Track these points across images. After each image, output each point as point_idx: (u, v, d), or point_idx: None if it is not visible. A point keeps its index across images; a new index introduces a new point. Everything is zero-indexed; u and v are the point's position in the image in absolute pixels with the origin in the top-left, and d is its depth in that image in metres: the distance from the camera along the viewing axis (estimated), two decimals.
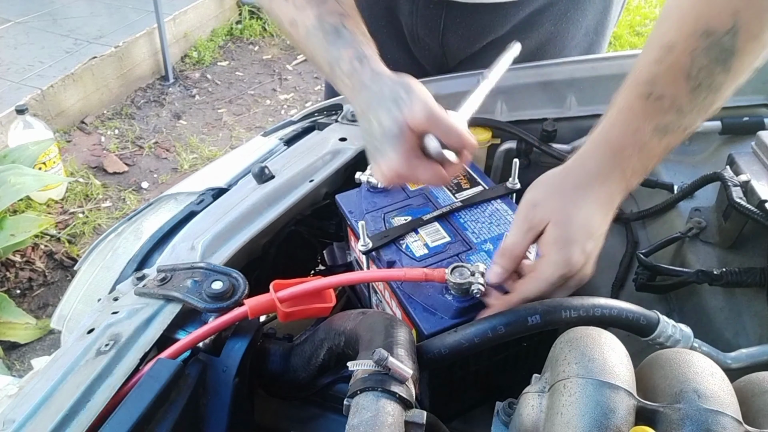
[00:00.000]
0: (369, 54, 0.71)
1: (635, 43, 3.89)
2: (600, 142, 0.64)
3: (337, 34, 0.72)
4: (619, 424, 0.42)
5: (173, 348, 0.59)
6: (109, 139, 2.94)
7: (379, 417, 0.46)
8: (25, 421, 0.53)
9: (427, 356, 0.57)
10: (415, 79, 0.69)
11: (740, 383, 0.49)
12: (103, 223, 2.47)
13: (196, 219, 0.78)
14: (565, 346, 0.49)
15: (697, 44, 0.59)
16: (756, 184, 0.75)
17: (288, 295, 0.63)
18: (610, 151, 0.63)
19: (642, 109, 0.62)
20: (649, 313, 0.57)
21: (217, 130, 3.09)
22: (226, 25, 3.86)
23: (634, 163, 0.63)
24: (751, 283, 0.73)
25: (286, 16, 0.77)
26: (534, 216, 0.63)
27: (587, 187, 0.63)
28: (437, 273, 0.65)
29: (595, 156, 0.64)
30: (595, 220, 0.62)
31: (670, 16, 0.62)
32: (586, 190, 0.63)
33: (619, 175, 0.63)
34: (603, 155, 0.63)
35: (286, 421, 0.72)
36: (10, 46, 3.08)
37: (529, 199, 0.65)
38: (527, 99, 1.01)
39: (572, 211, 0.62)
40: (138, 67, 3.26)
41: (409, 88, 0.66)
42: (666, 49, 0.61)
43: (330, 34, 0.72)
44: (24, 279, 2.18)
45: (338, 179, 0.90)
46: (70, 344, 0.61)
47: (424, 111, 0.64)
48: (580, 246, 0.61)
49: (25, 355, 1.98)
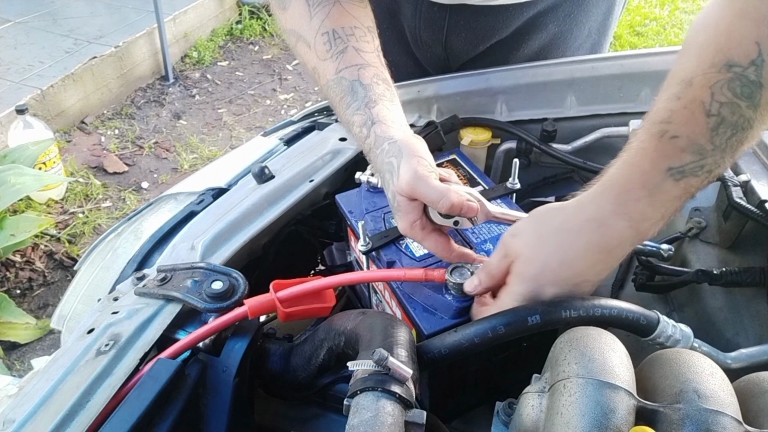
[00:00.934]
0: (376, 116, 0.71)
1: (635, 43, 3.90)
2: (605, 184, 0.59)
3: (352, 94, 0.74)
4: (619, 424, 0.42)
5: (173, 348, 0.59)
6: (109, 139, 2.94)
7: (379, 417, 0.46)
8: (25, 421, 0.53)
9: (427, 356, 0.57)
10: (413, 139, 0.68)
11: (740, 383, 0.49)
12: (103, 223, 2.47)
13: (196, 219, 0.78)
14: (565, 346, 0.49)
15: (718, 78, 0.54)
16: (756, 184, 0.75)
17: (288, 295, 0.63)
18: (614, 195, 0.58)
19: (654, 150, 0.57)
20: (649, 313, 0.57)
21: (217, 130, 3.09)
22: (226, 25, 3.86)
23: (644, 208, 0.57)
24: (751, 283, 0.73)
25: (309, 62, 0.80)
26: (510, 245, 0.61)
27: (578, 232, 0.58)
28: (437, 273, 0.65)
29: (597, 200, 0.59)
30: (577, 266, 0.58)
31: (690, 48, 0.58)
32: (574, 235, 0.58)
33: (624, 221, 0.57)
34: (605, 199, 0.58)
35: (286, 421, 0.72)
36: (10, 46, 3.08)
37: (515, 226, 0.63)
38: (527, 99, 1.01)
39: (547, 252, 0.58)
40: (138, 67, 3.26)
41: (399, 154, 0.66)
42: (684, 85, 0.56)
43: (346, 94, 0.75)
44: (24, 279, 2.18)
45: (338, 179, 0.90)
46: (70, 344, 0.61)
47: (408, 179, 0.63)
48: (544, 287, 0.58)
49: (25, 355, 1.98)
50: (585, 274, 0.58)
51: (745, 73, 0.53)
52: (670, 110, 0.57)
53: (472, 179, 0.83)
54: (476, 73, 1.03)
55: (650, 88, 0.97)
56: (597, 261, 0.58)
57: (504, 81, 1.01)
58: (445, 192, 0.62)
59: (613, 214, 0.57)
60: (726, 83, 0.54)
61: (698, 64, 0.56)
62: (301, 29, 0.79)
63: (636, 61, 1.00)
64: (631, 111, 0.97)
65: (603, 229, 0.57)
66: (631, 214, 0.57)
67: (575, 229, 0.58)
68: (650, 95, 0.97)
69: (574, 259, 0.58)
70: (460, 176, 0.84)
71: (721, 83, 0.54)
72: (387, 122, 0.71)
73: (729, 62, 0.54)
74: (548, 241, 0.59)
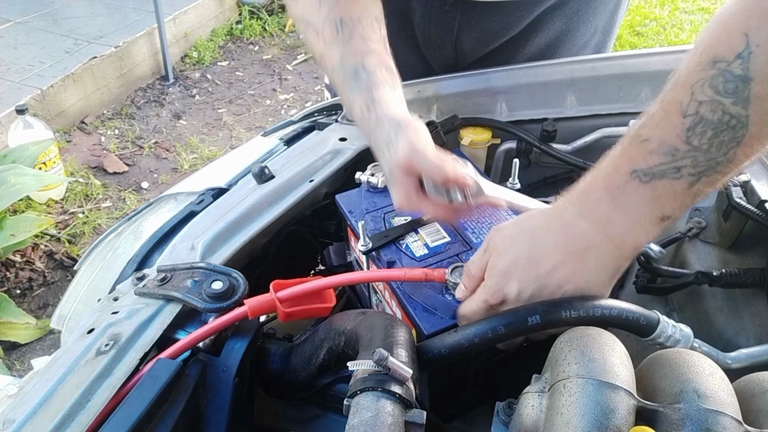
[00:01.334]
0: (378, 98, 0.73)
1: (635, 43, 3.90)
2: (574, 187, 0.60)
3: (355, 77, 0.76)
4: (619, 424, 0.42)
5: (173, 348, 0.59)
6: (109, 139, 2.94)
7: (379, 417, 0.46)
8: (25, 421, 0.53)
9: (427, 356, 0.57)
10: (413, 118, 0.71)
11: (740, 383, 0.49)
12: (103, 223, 2.47)
13: (196, 219, 0.78)
14: (565, 346, 0.49)
15: (700, 76, 0.52)
16: (756, 184, 0.75)
17: (288, 295, 0.63)
18: (577, 197, 0.59)
19: (620, 153, 0.57)
20: (650, 313, 0.57)
21: (217, 130, 3.09)
22: (226, 25, 3.86)
23: (609, 211, 0.56)
24: (751, 284, 0.73)
25: (317, 48, 0.82)
26: (492, 239, 0.61)
27: (546, 231, 0.58)
28: (437, 273, 0.65)
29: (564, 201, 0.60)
30: (544, 264, 0.57)
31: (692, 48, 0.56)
32: (543, 233, 0.59)
33: (587, 222, 0.57)
34: (569, 200, 0.59)
35: (286, 421, 0.72)
36: (10, 46, 3.08)
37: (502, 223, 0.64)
38: (527, 99, 1.01)
39: (518, 248, 0.59)
40: (138, 67, 3.26)
41: (398, 129, 0.68)
42: (670, 86, 0.55)
43: (349, 77, 0.77)
44: (24, 279, 2.18)
45: (338, 179, 0.90)
46: (70, 344, 0.61)
47: (406, 152, 0.65)
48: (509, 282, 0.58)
49: (25, 355, 1.98)
50: (552, 274, 0.57)
51: (729, 68, 0.51)
52: (650, 114, 0.56)
53: None
54: (476, 73, 1.03)
55: (650, 88, 0.97)
56: (564, 262, 0.57)
57: (504, 81, 1.01)
58: (441, 164, 0.65)
59: (576, 215, 0.58)
60: (708, 81, 0.52)
61: (687, 64, 0.54)
62: (310, 17, 0.82)
63: (636, 61, 1.00)
64: (631, 111, 0.97)
65: (567, 230, 0.58)
66: (594, 216, 0.57)
67: (545, 227, 0.59)
68: (650, 95, 0.97)
69: (541, 258, 0.58)
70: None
71: (702, 81, 0.52)
72: (388, 103, 0.73)
73: (714, 58, 0.52)
74: (521, 238, 0.60)
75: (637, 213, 0.56)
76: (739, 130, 0.51)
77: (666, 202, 0.55)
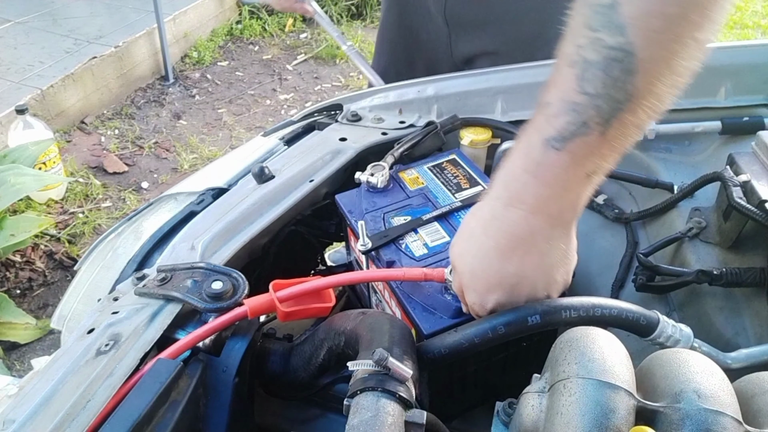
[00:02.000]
0: None
1: None
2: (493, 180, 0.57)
3: None
4: (619, 424, 0.42)
5: (173, 348, 0.59)
6: (109, 139, 2.94)
7: (379, 417, 0.46)
8: (25, 421, 0.53)
9: (427, 356, 0.57)
10: None
11: (740, 383, 0.49)
12: (103, 223, 2.47)
13: (196, 219, 0.78)
14: (565, 346, 0.49)
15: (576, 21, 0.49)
16: (756, 184, 0.75)
17: (288, 295, 0.63)
18: (501, 188, 0.56)
19: (531, 124, 0.53)
20: (649, 313, 0.57)
21: (217, 130, 3.09)
22: (226, 25, 3.86)
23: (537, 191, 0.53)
24: (751, 283, 0.73)
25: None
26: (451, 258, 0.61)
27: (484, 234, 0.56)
28: (437, 273, 0.65)
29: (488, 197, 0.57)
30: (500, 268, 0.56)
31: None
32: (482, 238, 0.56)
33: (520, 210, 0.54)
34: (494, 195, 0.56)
35: (286, 421, 0.72)
36: (10, 46, 3.08)
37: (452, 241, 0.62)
38: (527, 99, 1.01)
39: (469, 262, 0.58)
40: (138, 67, 3.26)
41: None
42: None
43: None
44: (24, 279, 2.18)
45: (338, 179, 0.90)
46: (70, 344, 0.61)
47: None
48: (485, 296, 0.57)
49: (25, 355, 1.98)
50: (516, 274, 0.56)
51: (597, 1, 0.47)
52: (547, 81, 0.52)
53: (472, 179, 0.83)
54: (476, 73, 1.03)
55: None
56: (519, 257, 0.55)
57: (504, 81, 1.01)
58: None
59: (505, 207, 0.55)
60: (582, 22, 0.48)
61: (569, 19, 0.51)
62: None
63: None
64: None
65: (502, 225, 0.55)
66: (525, 200, 0.54)
67: (481, 231, 0.57)
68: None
69: (492, 263, 0.56)
70: (460, 176, 0.84)
71: (578, 25, 0.49)
72: None
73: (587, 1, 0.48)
74: (467, 251, 0.58)
75: (564, 181, 0.53)
76: (625, 59, 0.47)
77: (586, 160, 0.52)
